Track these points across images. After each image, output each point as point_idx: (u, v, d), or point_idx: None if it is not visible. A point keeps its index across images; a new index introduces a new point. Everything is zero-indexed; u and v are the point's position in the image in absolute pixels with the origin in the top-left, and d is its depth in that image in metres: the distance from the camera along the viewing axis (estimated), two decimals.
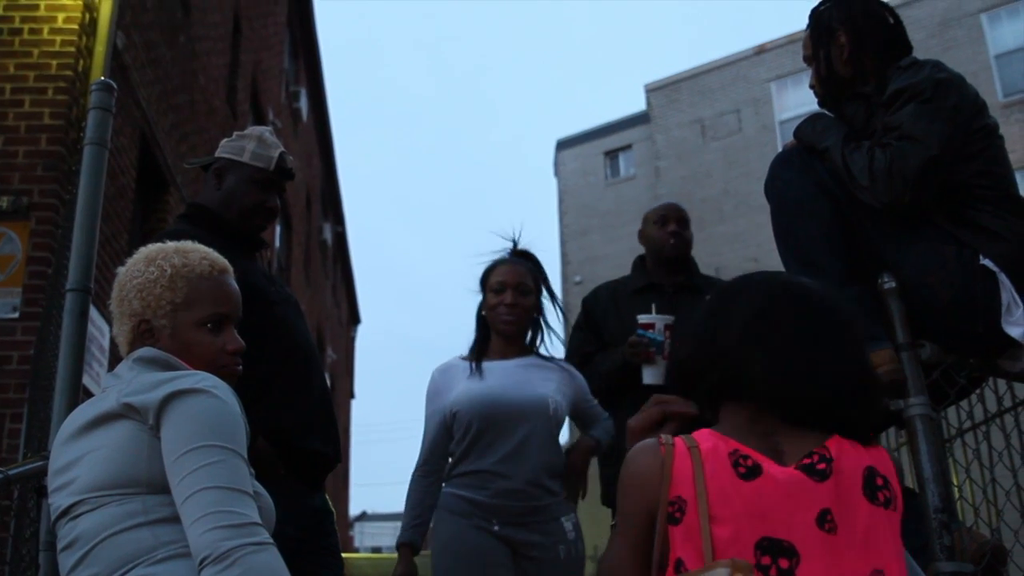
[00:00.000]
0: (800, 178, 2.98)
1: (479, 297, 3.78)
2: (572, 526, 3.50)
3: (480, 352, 3.71)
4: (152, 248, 2.19)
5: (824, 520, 1.65)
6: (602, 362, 4.17)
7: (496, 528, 3.37)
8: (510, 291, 3.64)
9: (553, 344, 3.82)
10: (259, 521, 1.82)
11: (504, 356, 3.68)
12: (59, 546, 1.94)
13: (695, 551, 1.64)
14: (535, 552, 3.39)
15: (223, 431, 1.88)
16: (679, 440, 1.76)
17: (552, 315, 3.82)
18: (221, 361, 2.17)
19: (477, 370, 3.62)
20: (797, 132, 3.08)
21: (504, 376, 3.58)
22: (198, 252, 2.22)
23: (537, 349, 3.77)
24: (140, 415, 1.90)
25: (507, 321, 3.64)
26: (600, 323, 4.33)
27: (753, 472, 1.69)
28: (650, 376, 3.99)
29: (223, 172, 3.11)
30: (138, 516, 1.86)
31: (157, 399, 1.89)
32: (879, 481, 1.72)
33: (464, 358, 3.72)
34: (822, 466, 1.70)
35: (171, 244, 2.21)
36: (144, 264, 2.13)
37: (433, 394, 3.67)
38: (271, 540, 1.82)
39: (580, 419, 3.79)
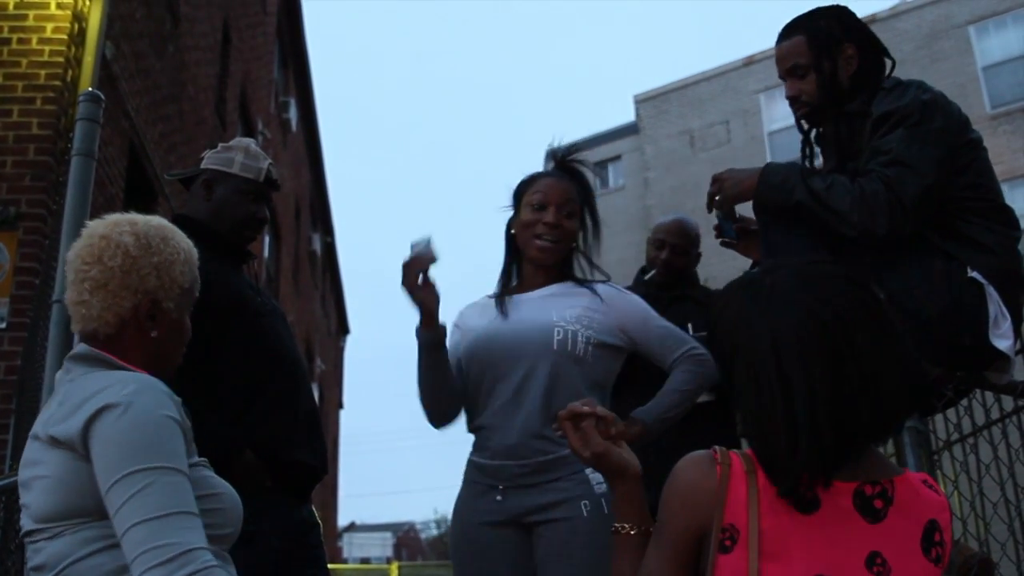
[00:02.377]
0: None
1: (508, 213, 3.14)
2: (603, 478, 2.68)
3: (508, 283, 3.11)
4: (150, 223, 2.11)
5: (872, 563, 1.59)
6: None
7: (499, 498, 2.81)
8: (553, 209, 2.97)
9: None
10: (196, 544, 1.75)
11: (532, 287, 3.05)
12: (28, 565, 1.93)
13: None
14: (553, 513, 2.75)
15: (147, 447, 1.81)
16: (736, 460, 1.67)
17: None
18: (185, 348, 2.18)
19: (502, 306, 3.00)
20: (760, 198, 2.98)
21: (519, 310, 2.98)
22: (186, 237, 2.20)
23: (572, 275, 3.09)
24: (68, 446, 1.86)
25: (543, 247, 2.98)
26: None
27: (812, 505, 1.61)
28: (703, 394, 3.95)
29: (212, 184, 3.11)
30: (95, 542, 1.84)
31: (78, 429, 1.84)
32: (936, 536, 1.65)
33: (491, 295, 3.13)
34: (879, 504, 1.63)
35: (167, 224, 2.16)
36: (160, 241, 2.08)
37: (452, 328, 3.11)
38: (210, 563, 1.76)
39: (647, 352, 3.01)
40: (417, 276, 2.80)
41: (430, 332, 2.84)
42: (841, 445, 1.60)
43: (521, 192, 3.09)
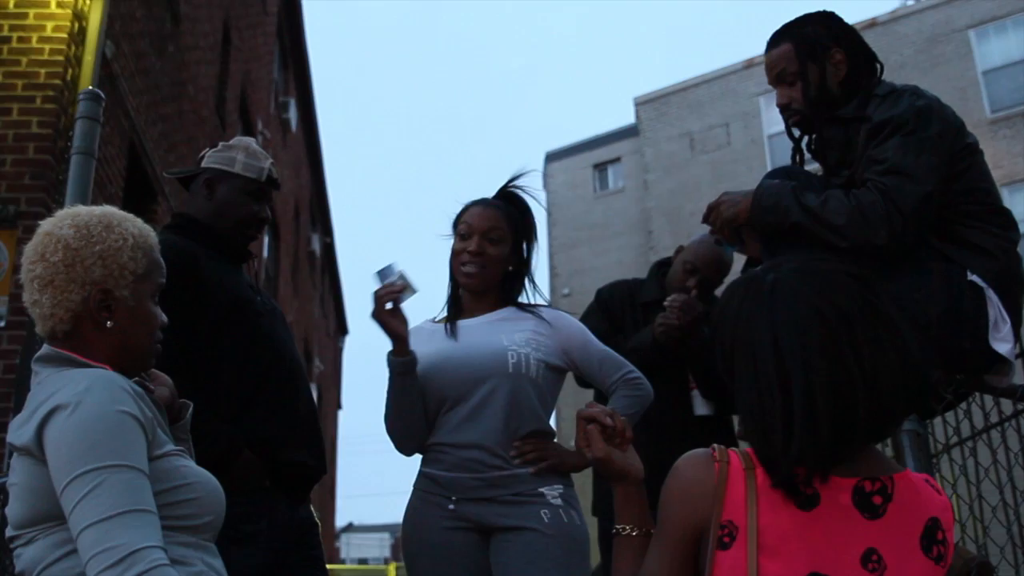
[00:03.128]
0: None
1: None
2: (559, 495, 2.90)
3: (454, 310, 3.19)
4: (93, 213, 2.07)
5: (868, 559, 1.59)
6: (627, 340, 3.96)
7: (452, 507, 2.89)
8: (476, 238, 3.07)
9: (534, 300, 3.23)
10: (145, 543, 1.73)
11: (473, 313, 3.14)
12: (15, 569, 1.92)
13: None
14: (511, 521, 2.84)
15: (96, 446, 1.78)
16: (735, 458, 1.68)
17: (538, 271, 3.24)
18: (159, 336, 2.12)
19: (452, 332, 3.08)
20: (754, 219, 2.97)
21: (467, 335, 3.06)
22: (141, 222, 2.14)
23: (516, 300, 3.18)
24: (27, 452, 1.86)
25: (468, 273, 3.08)
26: (619, 316, 4.18)
27: (811, 501, 1.61)
28: (702, 407, 3.95)
29: (214, 183, 3.10)
30: (66, 545, 1.83)
31: (32, 435, 1.83)
32: (939, 535, 1.65)
33: (435, 320, 3.21)
34: (878, 500, 1.63)
35: (115, 212, 2.11)
36: (103, 230, 2.02)
37: None
38: (159, 561, 1.73)
39: (587, 375, 3.14)
40: (387, 307, 2.90)
41: (403, 358, 2.92)
42: (838, 440, 1.60)
43: (456, 223, 3.18)
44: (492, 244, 3.07)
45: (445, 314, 3.20)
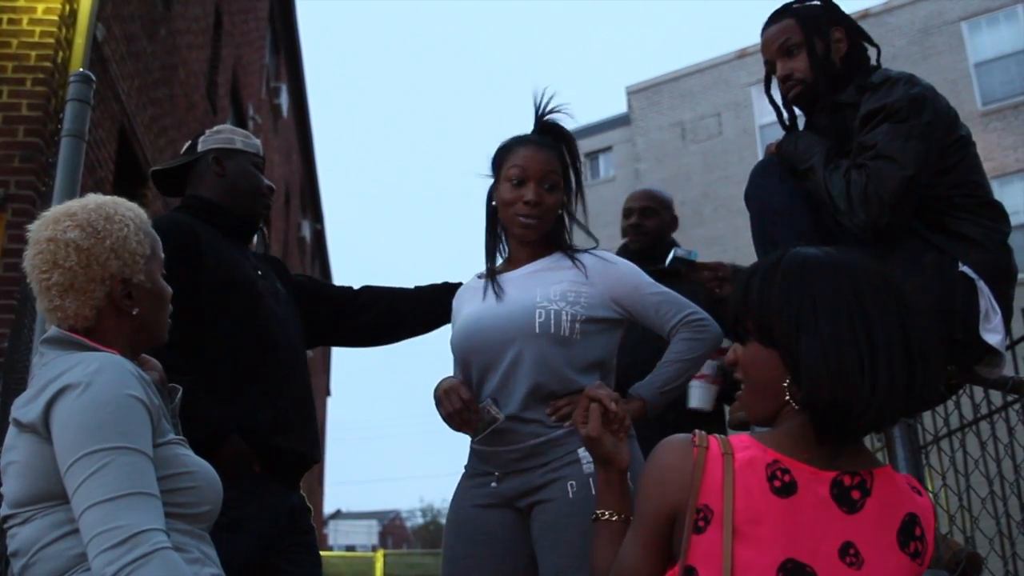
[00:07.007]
0: (780, 186, 2.99)
1: (488, 181, 2.95)
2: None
3: (494, 260, 2.94)
4: (87, 208, 2.08)
5: (846, 553, 1.60)
6: None
7: (494, 484, 2.74)
8: (532, 185, 2.78)
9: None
10: (148, 525, 1.75)
11: (517, 264, 2.90)
12: (8, 550, 1.93)
13: (714, 567, 1.58)
14: (542, 495, 2.65)
15: (105, 427, 1.81)
16: (714, 443, 1.68)
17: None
18: (170, 308, 2.17)
19: (490, 288, 2.85)
20: (780, 150, 3.08)
21: (506, 291, 2.83)
22: (127, 202, 2.18)
23: (563, 244, 2.92)
24: (31, 430, 1.87)
25: (527, 225, 2.80)
26: None
27: (788, 489, 1.62)
28: (696, 400, 3.91)
29: (222, 161, 3.12)
30: (64, 525, 1.84)
31: (39, 412, 1.85)
32: (917, 531, 1.66)
33: (480, 275, 2.96)
34: (856, 494, 1.64)
35: (104, 199, 2.13)
36: (105, 222, 2.04)
37: (453, 314, 3.01)
38: (161, 543, 1.75)
39: (643, 321, 2.82)
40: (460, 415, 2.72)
41: None
42: (910, 394, 1.62)
43: (500, 162, 2.90)
44: (549, 192, 2.81)
45: (487, 263, 2.96)
